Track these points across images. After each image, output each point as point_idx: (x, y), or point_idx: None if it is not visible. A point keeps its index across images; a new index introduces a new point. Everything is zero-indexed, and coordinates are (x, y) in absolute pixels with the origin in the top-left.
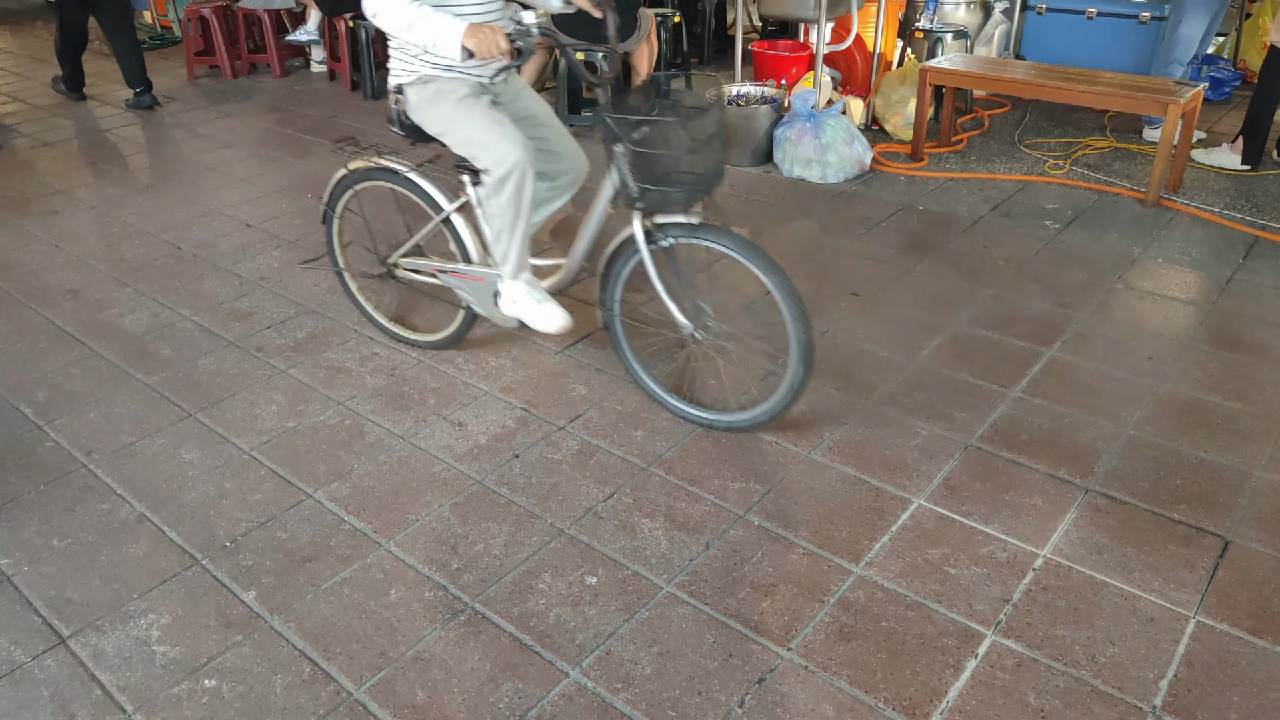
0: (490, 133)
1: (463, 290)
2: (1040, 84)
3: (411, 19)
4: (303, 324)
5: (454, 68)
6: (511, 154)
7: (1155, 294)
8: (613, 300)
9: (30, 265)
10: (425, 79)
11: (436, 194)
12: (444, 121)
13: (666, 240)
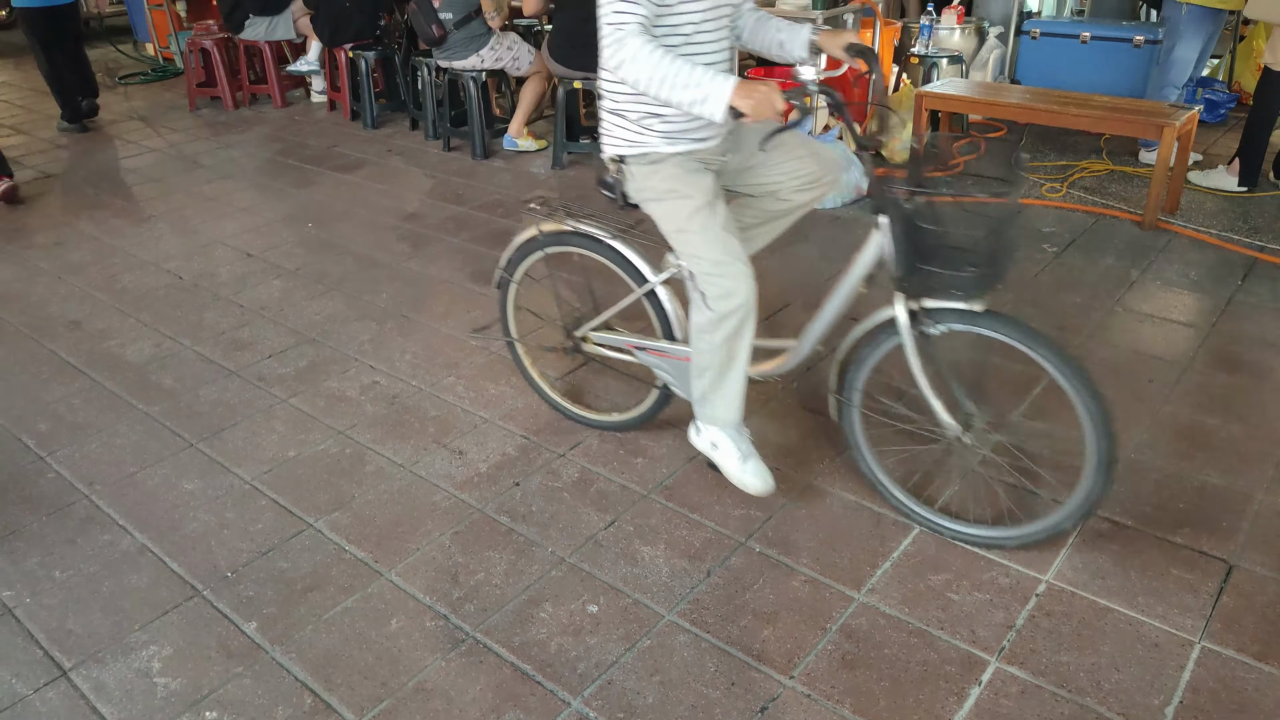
0: (721, 256)
1: (661, 369)
2: (1036, 108)
3: (667, 73)
4: (303, 353)
5: (685, 135)
6: (739, 291)
7: (1154, 316)
8: (852, 390)
9: (33, 297)
10: (654, 157)
11: (641, 264)
12: (672, 221)
13: (937, 327)
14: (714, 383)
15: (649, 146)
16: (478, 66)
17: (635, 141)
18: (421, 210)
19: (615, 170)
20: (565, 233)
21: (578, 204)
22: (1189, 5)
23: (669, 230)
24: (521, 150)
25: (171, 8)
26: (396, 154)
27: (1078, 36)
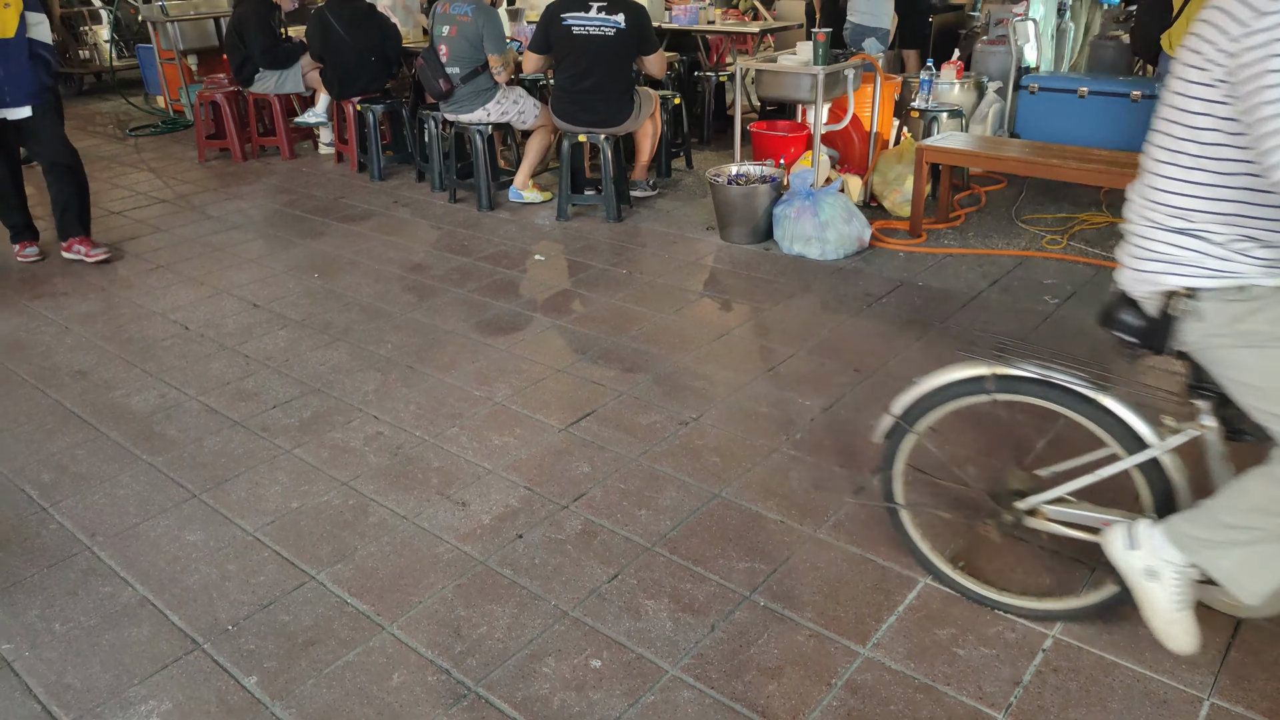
0: None
1: None
2: (1035, 162)
3: None
4: (308, 403)
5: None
6: None
7: (1156, 367)
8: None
9: (40, 347)
10: (1255, 292)
11: (1140, 426)
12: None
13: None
14: (1259, 552)
15: (1242, 278)
16: (484, 120)
17: (1220, 271)
18: (427, 261)
19: (1168, 305)
20: (1024, 380)
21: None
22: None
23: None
24: (526, 202)
25: (183, 61)
26: (403, 205)
27: (1075, 91)
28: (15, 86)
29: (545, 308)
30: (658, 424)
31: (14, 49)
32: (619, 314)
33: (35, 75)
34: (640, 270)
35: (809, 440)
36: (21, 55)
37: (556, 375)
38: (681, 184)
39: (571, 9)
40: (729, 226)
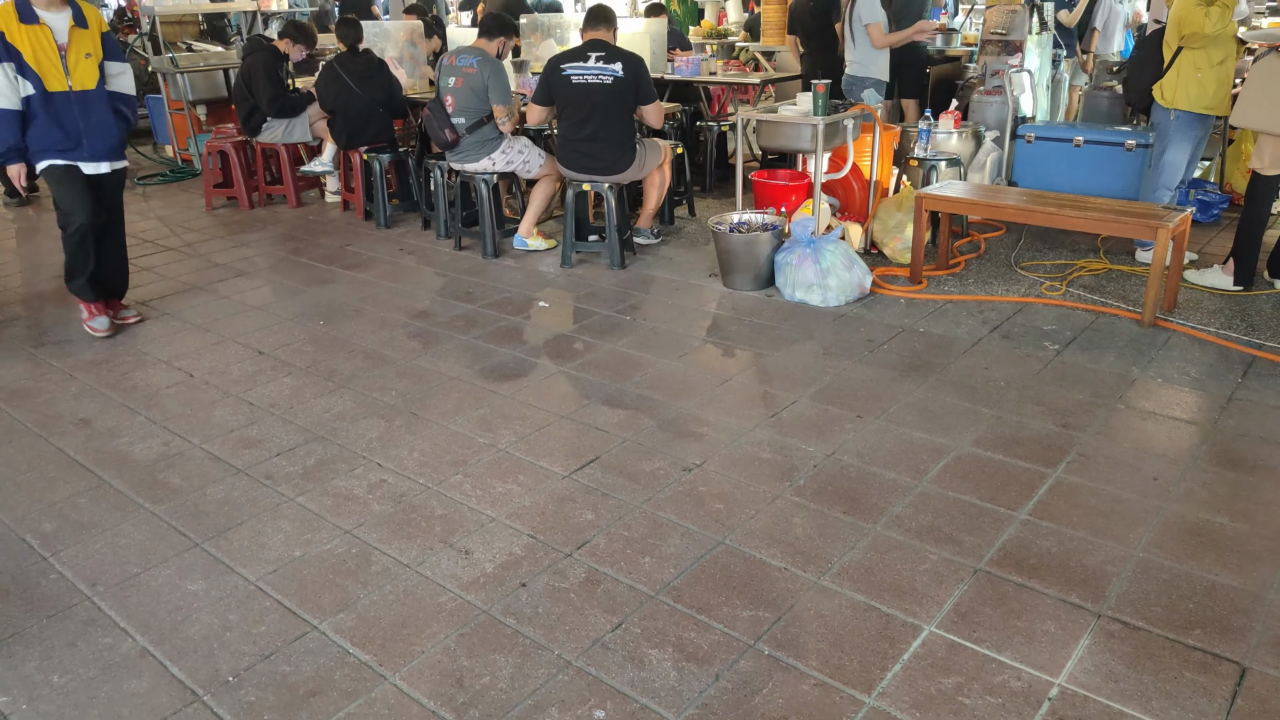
0: None
1: None
2: (1032, 210)
3: None
4: (312, 451)
5: None
6: None
7: (1157, 414)
8: None
9: (44, 394)
10: None
11: None
12: None
13: None
14: None
15: None
16: (489, 169)
17: None
18: (432, 308)
19: None
20: None
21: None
22: (1177, 111)
23: None
24: (531, 249)
25: (192, 112)
26: (408, 253)
27: (1071, 140)
28: (95, 140)
29: (549, 354)
30: (661, 470)
31: (95, 101)
32: (622, 360)
33: (116, 130)
34: (644, 316)
35: (812, 486)
36: (103, 108)
37: (560, 422)
38: (684, 231)
39: (571, 60)
40: (731, 273)
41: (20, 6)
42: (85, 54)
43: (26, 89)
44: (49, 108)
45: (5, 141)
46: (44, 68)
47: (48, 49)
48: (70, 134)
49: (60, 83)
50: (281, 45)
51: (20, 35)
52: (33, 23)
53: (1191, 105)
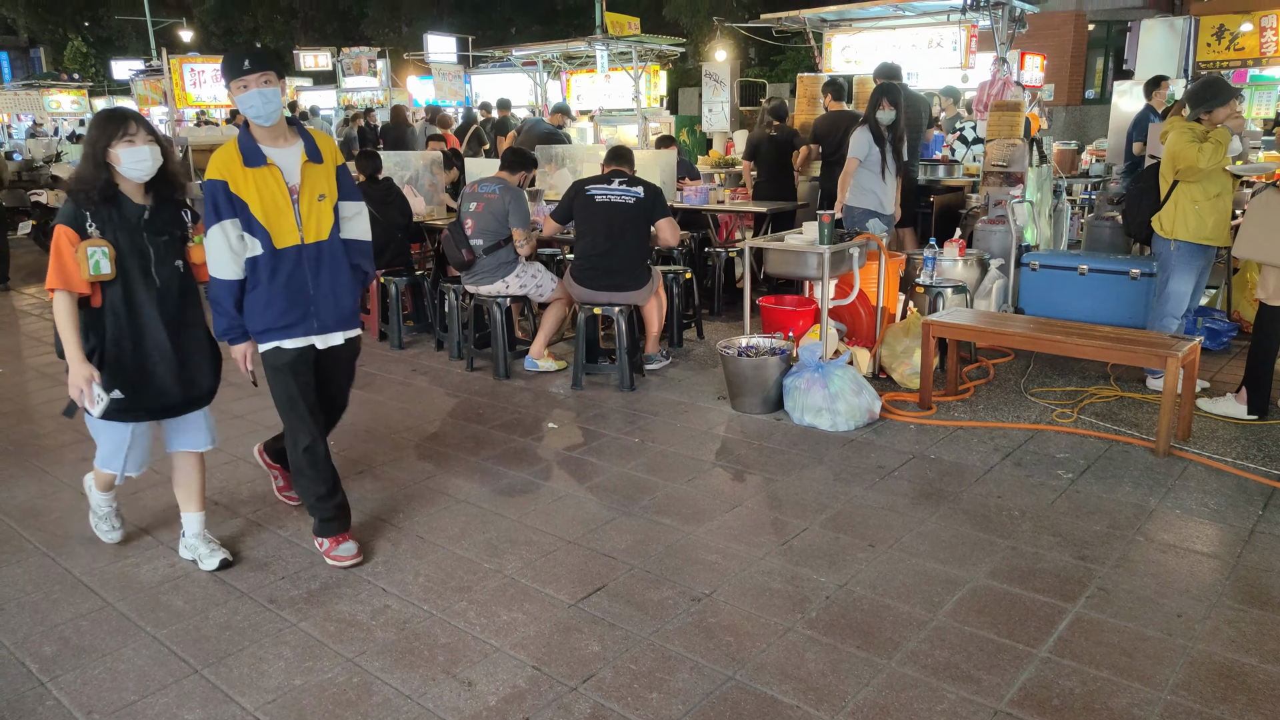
0: None
1: None
2: (1040, 337)
3: None
4: (317, 574)
5: None
6: None
7: (1177, 547)
8: None
9: (54, 513)
10: None
11: None
12: None
13: None
14: None
15: None
16: (503, 292)
17: None
18: (443, 429)
19: None
20: None
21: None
22: (1177, 242)
23: None
24: (542, 371)
25: None
26: (421, 373)
27: (1076, 269)
28: (328, 306)
29: (557, 477)
30: (669, 600)
31: (330, 255)
32: (631, 484)
33: (354, 290)
34: (653, 439)
35: (824, 619)
36: (339, 263)
37: (567, 547)
38: (693, 354)
39: (595, 183)
40: (740, 397)
41: (245, 147)
42: (319, 195)
43: (253, 248)
44: (276, 270)
45: (225, 316)
46: (272, 219)
47: (277, 195)
48: (299, 302)
49: (291, 235)
50: None
51: (246, 182)
52: (260, 165)
53: (1191, 236)
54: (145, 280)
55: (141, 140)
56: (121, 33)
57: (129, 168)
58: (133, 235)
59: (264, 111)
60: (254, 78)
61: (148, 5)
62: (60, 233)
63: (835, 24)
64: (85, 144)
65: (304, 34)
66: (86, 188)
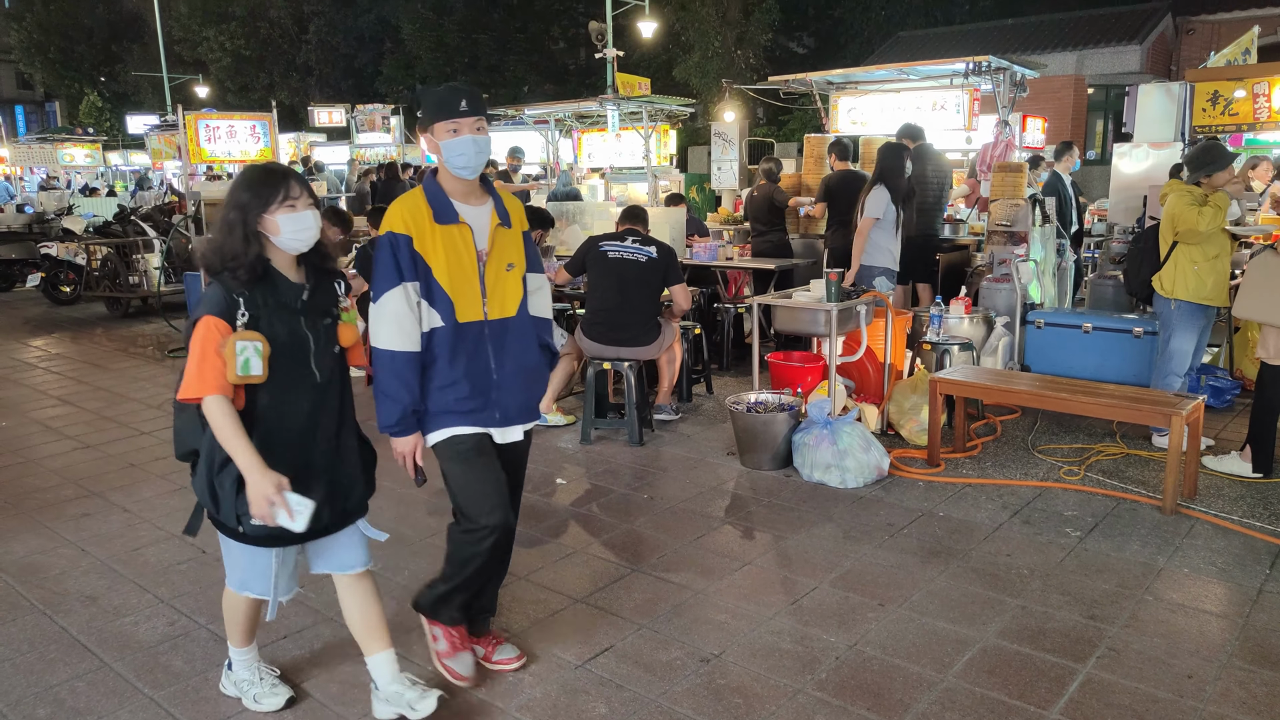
0: None
1: None
2: (1045, 395)
3: None
4: (319, 634)
5: None
6: None
7: (1186, 606)
8: None
9: (53, 570)
10: None
11: None
12: None
13: None
14: None
15: None
16: None
17: None
18: None
19: None
20: None
21: None
22: (1177, 301)
23: None
24: (550, 425)
25: None
26: None
27: (1080, 327)
28: (512, 393)
29: (565, 533)
30: (678, 661)
31: (515, 333)
32: (639, 541)
33: (543, 375)
34: (661, 495)
35: (834, 680)
36: (527, 344)
37: (574, 606)
38: (702, 409)
39: (609, 240)
40: (749, 452)
41: (435, 199)
42: (508, 264)
43: (430, 320)
44: (456, 349)
45: (400, 402)
46: (458, 286)
47: (464, 258)
48: (480, 389)
49: (474, 308)
50: None
51: (434, 241)
52: (451, 222)
53: (1190, 296)
54: (303, 375)
55: (304, 204)
56: (137, 88)
57: (290, 238)
58: (290, 322)
59: (474, 162)
60: (468, 122)
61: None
62: (208, 326)
63: (841, 86)
64: (229, 209)
65: (318, 91)
66: (235, 265)
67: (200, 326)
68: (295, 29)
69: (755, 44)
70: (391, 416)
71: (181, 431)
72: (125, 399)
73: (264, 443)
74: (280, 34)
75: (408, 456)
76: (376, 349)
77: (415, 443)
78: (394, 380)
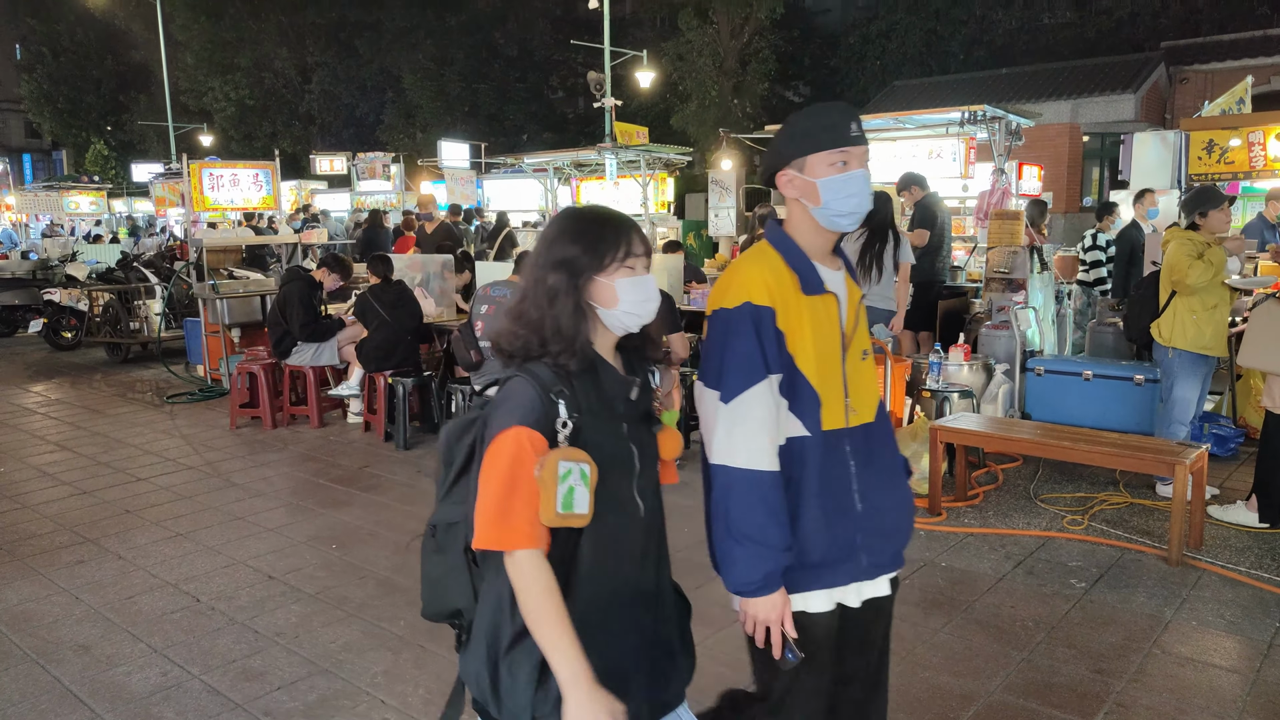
0: None
1: None
2: (1047, 443)
3: None
4: (314, 685)
5: None
6: None
7: (1195, 660)
8: None
9: (46, 618)
10: None
11: None
12: None
13: None
14: None
15: None
16: None
17: None
18: None
19: None
20: None
21: None
22: (1175, 350)
23: None
24: None
25: (226, 334)
26: (427, 475)
27: (1080, 374)
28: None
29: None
30: None
31: (881, 446)
32: None
33: (910, 504)
34: None
35: None
36: (894, 463)
37: None
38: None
39: None
40: None
41: (796, 260)
42: (863, 351)
43: (790, 426)
44: (823, 468)
45: (769, 545)
46: (826, 380)
47: (831, 343)
48: (844, 520)
49: (838, 410)
50: (318, 275)
51: (800, 318)
52: (818, 292)
53: (1189, 346)
54: (626, 509)
55: (643, 265)
56: (143, 137)
57: (627, 312)
58: (613, 431)
59: (864, 207)
60: (857, 152)
61: (170, 111)
62: (519, 442)
63: None
64: (545, 268)
65: (320, 139)
66: (561, 350)
67: (506, 443)
68: (299, 79)
69: (752, 93)
70: (754, 570)
71: (441, 581)
72: (122, 444)
73: (581, 619)
74: (284, 84)
75: (774, 626)
76: (730, 468)
77: (783, 607)
78: (760, 513)
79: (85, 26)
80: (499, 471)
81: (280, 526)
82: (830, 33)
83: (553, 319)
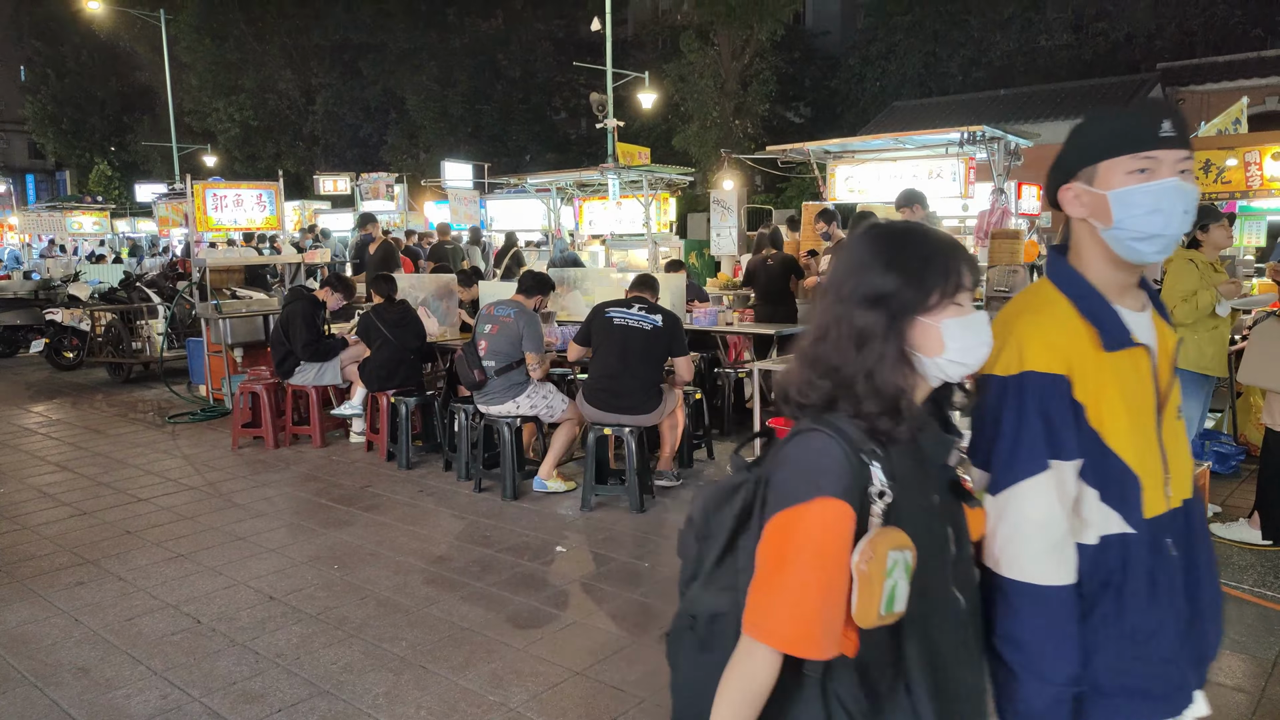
0: None
1: None
2: None
3: None
4: (315, 707)
5: None
6: None
7: None
8: None
9: (45, 640)
10: None
11: None
12: None
13: None
14: None
15: None
16: (514, 412)
17: None
18: (449, 553)
19: None
20: None
21: None
22: (1177, 370)
23: None
24: (551, 491)
25: (229, 354)
26: (428, 494)
27: None
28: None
29: (565, 604)
30: None
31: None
32: (640, 610)
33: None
34: (662, 563)
35: None
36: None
37: (574, 679)
38: (704, 474)
39: (615, 306)
40: None
41: (1093, 306)
42: (1178, 409)
43: (1102, 521)
44: (1151, 568)
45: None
46: (1144, 457)
47: (1147, 410)
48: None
49: (1158, 492)
50: (321, 294)
51: (1101, 381)
52: (1124, 346)
53: (1189, 365)
54: (945, 603)
55: (970, 300)
56: (147, 157)
57: (954, 360)
58: (929, 508)
59: (1168, 228)
60: (1170, 158)
61: (174, 132)
62: (825, 517)
63: (838, 155)
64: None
65: (324, 159)
66: (877, 408)
67: (810, 521)
68: (303, 100)
69: (753, 114)
70: (1037, 700)
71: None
72: (124, 465)
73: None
74: (288, 105)
75: None
76: (1013, 581)
77: None
78: (1049, 635)
79: (90, 48)
80: (802, 559)
81: (281, 547)
82: (830, 54)
83: (865, 371)
